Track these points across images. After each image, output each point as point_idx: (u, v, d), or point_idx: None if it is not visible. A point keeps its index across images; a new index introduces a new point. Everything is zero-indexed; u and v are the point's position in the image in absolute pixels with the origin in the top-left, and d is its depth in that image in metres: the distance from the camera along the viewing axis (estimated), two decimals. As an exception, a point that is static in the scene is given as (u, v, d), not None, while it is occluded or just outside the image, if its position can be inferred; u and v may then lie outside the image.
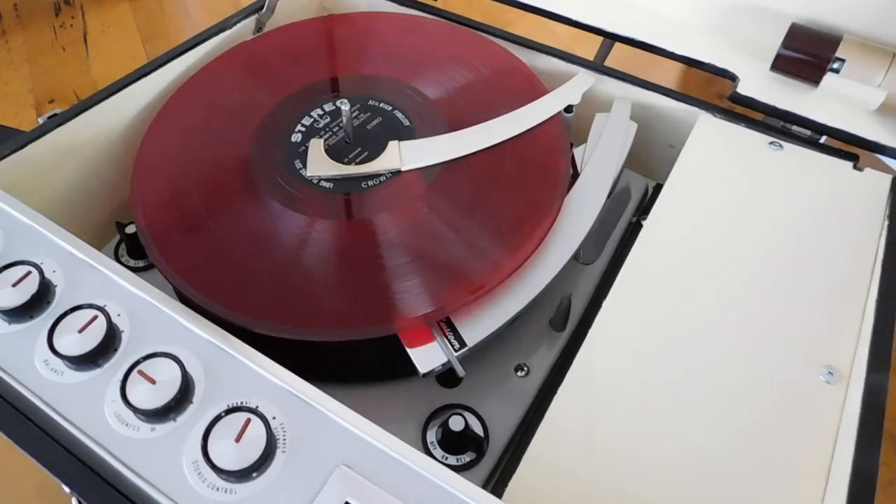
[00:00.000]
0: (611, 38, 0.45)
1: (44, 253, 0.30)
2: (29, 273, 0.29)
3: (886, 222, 0.33)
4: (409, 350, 0.31)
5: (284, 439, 0.24)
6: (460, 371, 0.31)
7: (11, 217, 0.32)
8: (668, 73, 1.06)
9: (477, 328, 0.32)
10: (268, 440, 0.24)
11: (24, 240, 0.31)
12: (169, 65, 0.44)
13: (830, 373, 0.28)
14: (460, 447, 0.32)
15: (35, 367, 0.27)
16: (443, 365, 0.31)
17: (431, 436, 0.33)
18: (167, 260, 0.34)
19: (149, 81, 0.43)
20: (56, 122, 0.39)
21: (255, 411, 0.24)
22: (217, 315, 0.31)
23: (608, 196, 0.38)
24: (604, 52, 0.84)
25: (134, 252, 0.41)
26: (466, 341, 0.31)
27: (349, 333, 0.31)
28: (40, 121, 0.40)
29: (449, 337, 0.31)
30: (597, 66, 0.44)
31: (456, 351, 0.31)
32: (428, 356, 0.30)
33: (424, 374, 0.30)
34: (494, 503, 0.22)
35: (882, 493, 0.64)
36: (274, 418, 0.25)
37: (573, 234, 0.36)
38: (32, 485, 0.58)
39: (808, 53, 0.37)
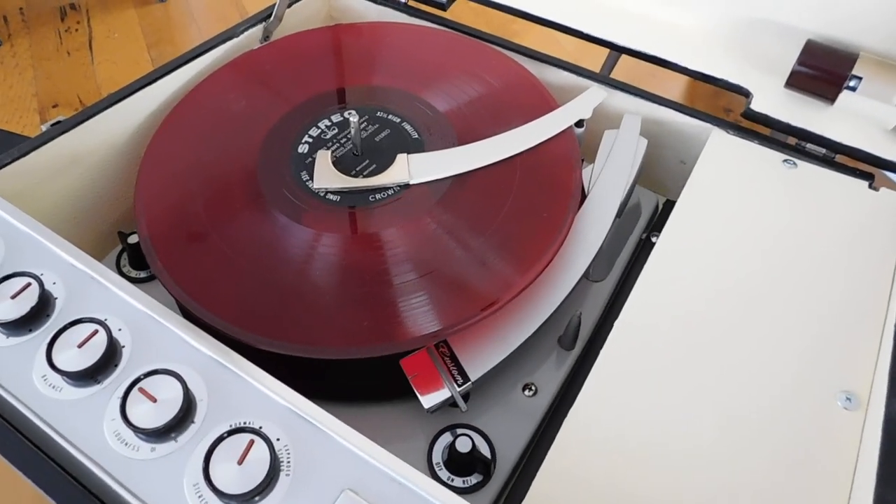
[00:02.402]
0: (622, 51, 0.44)
1: (44, 264, 0.30)
2: (28, 285, 0.29)
3: (904, 244, 0.33)
4: (415, 388, 0.30)
5: (289, 462, 0.23)
6: (463, 406, 0.31)
7: (12, 226, 0.31)
8: (675, 86, 1.05)
9: (480, 362, 0.31)
10: (271, 463, 0.23)
11: (25, 250, 0.30)
12: (175, 73, 0.43)
13: (849, 398, 0.27)
14: (467, 469, 0.31)
15: (33, 382, 0.26)
16: (445, 400, 0.31)
17: (437, 456, 0.32)
18: (170, 272, 0.33)
19: (154, 89, 0.42)
20: (59, 129, 0.39)
21: (258, 432, 0.24)
22: (219, 330, 0.30)
23: (618, 214, 0.38)
24: (610, 64, 0.84)
25: (136, 263, 0.40)
26: (470, 376, 0.31)
27: (355, 352, 0.30)
28: (44, 128, 0.39)
29: (453, 372, 0.31)
30: (608, 79, 0.44)
31: (459, 386, 0.31)
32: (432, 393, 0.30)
33: (429, 410, 0.30)
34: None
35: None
36: (278, 440, 0.24)
37: (582, 253, 0.35)
38: (29, 496, 0.57)
39: (824, 70, 0.37)
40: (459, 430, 0.32)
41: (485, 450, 0.32)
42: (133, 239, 0.39)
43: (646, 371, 0.29)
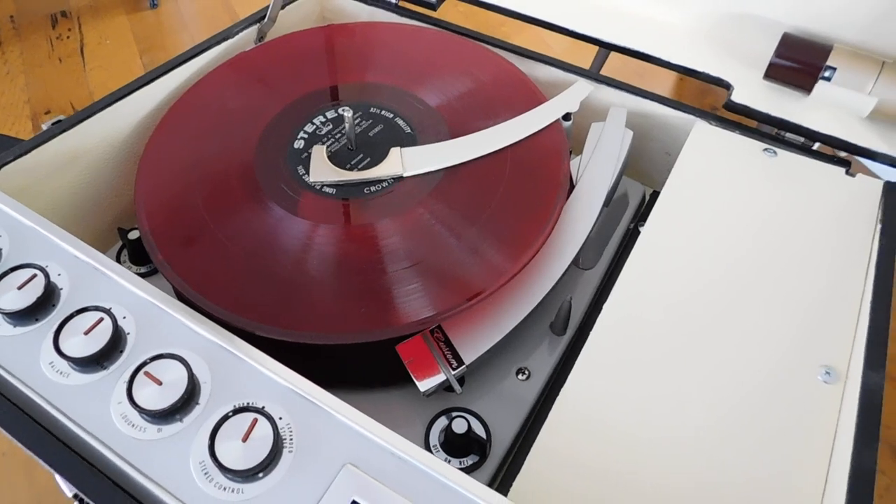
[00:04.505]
0: (607, 47, 0.45)
1: (49, 256, 0.31)
2: (34, 276, 0.29)
3: (878, 226, 0.34)
4: (411, 372, 0.31)
5: (291, 439, 0.24)
6: (458, 389, 0.32)
7: (16, 221, 0.32)
8: (662, 86, 1.07)
9: (473, 346, 0.32)
10: (274, 440, 0.24)
11: (29, 243, 0.31)
12: (172, 73, 0.44)
13: (828, 372, 0.29)
14: (463, 450, 0.32)
15: (41, 369, 0.27)
16: (441, 383, 0.32)
17: (434, 439, 0.33)
18: (172, 265, 0.34)
19: (152, 89, 0.43)
20: (60, 128, 0.39)
21: (261, 411, 0.25)
22: (220, 318, 0.31)
23: (606, 203, 0.39)
24: (598, 63, 0.85)
25: (136, 258, 0.41)
26: (464, 360, 0.32)
27: (353, 337, 0.31)
28: (44, 127, 0.40)
29: (447, 356, 0.32)
30: (594, 74, 0.45)
31: (454, 369, 0.31)
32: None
33: (425, 393, 0.31)
34: (498, 499, 0.22)
35: (879, 499, 0.65)
36: (280, 418, 0.25)
37: (571, 241, 0.36)
38: (26, 499, 0.57)
39: (800, 62, 0.38)
40: (455, 413, 0.33)
41: (480, 431, 0.33)
42: (133, 234, 0.39)
43: (633, 353, 0.30)
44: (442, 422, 0.33)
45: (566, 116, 0.42)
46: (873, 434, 0.24)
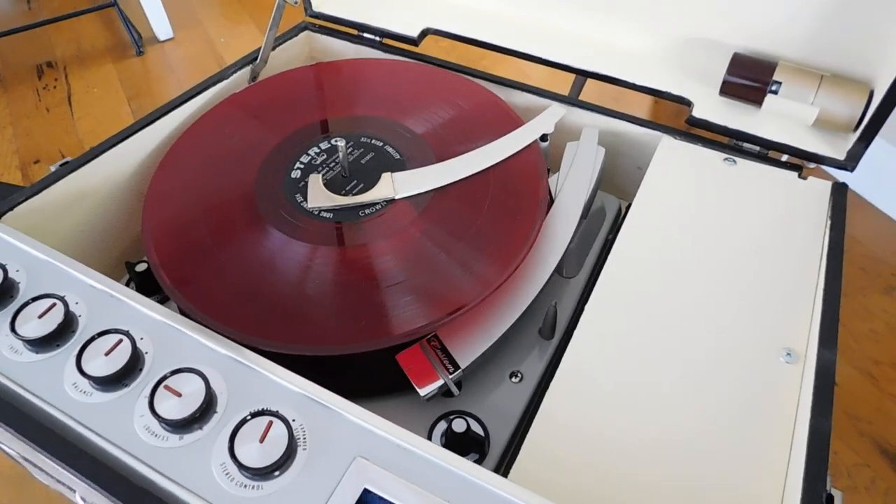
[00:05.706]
0: (579, 73, 0.49)
1: (66, 287, 0.33)
2: (54, 305, 0.31)
3: (828, 222, 0.38)
4: (411, 379, 0.34)
5: (304, 438, 0.26)
6: (455, 391, 0.35)
7: (32, 256, 0.34)
8: (640, 108, 1.12)
9: (467, 352, 0.35)
10: (289, 439, 0.26)
11: (46, 276, 0.33)
12: (171, 113, 0.47)
13: (789, 354, 0.32)
14: (464, 449, 0.34)
15: (65, 390, 0.29)
16: (440, 388, 0.34)
17: (435, 441, 0.35)
18: (181, 291, 0.36)
19: (154, 129, 0.46)
20: (67, 169, 0.42)
21: (276, 414, 0.27)
22: (230, 338, 0.33)
23: (583, 216, 0.42)
24: (576, 90, 0.90)
25: (143, 290, 0.43)
26: (459, 364, 0.34)
27: (354, 347, 0.34)
28: (52, 168, 0.42)
29: (444, 362, 0.34)
30: (567, 98, 0.49)
31: (450, 374, 0.34)
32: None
33: (425, 397, 0.34)
34: (497, 479, 0.24)
35: (866, 492, 0.67)
36: (294, 420, 0.27)
37: (552, 252, 0.39)
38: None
39: (749, 78, 0.42)
40: (454, 416, 0.35)
41: (479, 431, 0.35)
42: (141, 267, 0.41)
43: (613, 347, 0.33)
44: (442, 426, 0.35)
45: (543, 137, 0.45)
46: (827, 403, 0.27)
